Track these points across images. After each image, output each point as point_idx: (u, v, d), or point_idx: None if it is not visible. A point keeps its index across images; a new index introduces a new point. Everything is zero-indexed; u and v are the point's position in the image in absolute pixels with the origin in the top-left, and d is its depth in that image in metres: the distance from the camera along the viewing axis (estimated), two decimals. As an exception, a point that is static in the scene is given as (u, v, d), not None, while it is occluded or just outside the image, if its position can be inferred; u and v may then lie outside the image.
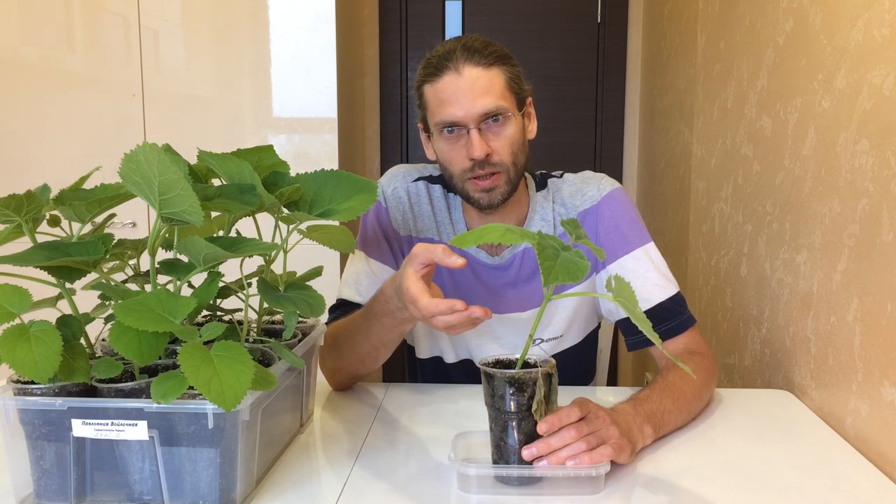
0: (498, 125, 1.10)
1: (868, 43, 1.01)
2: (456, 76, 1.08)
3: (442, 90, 1.09)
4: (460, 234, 0.80)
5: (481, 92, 1.07)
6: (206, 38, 2.14)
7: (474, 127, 1.08)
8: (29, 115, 2.15)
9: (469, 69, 1.08)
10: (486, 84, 1.08)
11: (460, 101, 1.07)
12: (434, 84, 1.10)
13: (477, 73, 1.08)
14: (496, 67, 1.09)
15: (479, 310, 0.84)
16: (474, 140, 1.08)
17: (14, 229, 0.79)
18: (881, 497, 0.83)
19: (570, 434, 0.82)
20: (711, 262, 1.81)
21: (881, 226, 0.96)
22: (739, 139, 1.59)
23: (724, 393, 1.16)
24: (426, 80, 1.11)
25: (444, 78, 1.09)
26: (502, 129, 1.10)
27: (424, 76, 1.12)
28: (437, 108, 1.10)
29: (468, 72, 1.08)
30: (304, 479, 0.86)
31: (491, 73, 1.09)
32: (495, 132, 1.10)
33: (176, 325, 0.72)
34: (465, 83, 1.07)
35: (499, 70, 1.10)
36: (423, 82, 1.12)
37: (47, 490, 0.75)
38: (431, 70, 1.10)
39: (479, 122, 1.08)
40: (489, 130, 1.10)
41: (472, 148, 1.08)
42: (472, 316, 0.85)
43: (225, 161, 0.85)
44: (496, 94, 1.08)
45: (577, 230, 0.80)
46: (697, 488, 0.84)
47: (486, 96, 1.08)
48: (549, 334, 1.24)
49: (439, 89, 1.09)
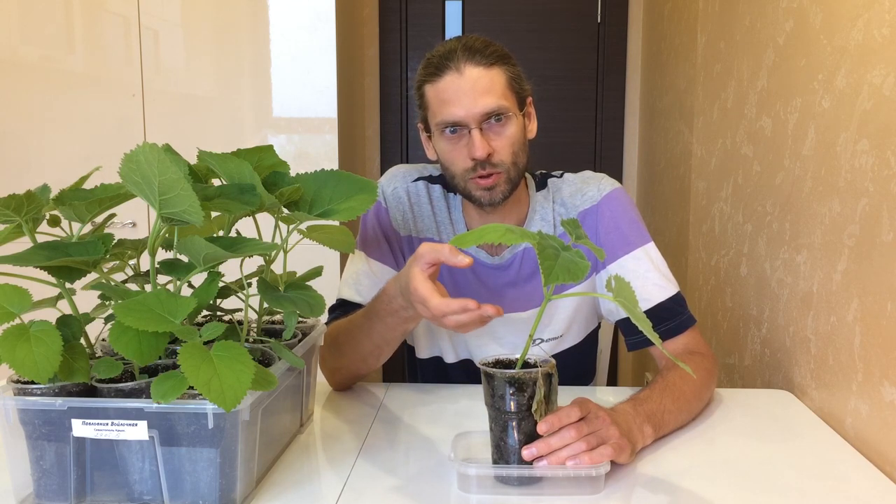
0: (499, 125, 1.10)
1: (868, 43, 1.01)
2: (457, 76, 1.08)
3: (443, 90, 1.09)
4: (460, 234, 0.80)
5: (483, 91, 1.07)
6: (206, 38, 2.14)
7: (476, 127, 1.08)
8: (29, 115, 2.15)
9: (470, 69, 1.08)
10: (488, 84, 1.08)
11: (462, 101, 1.07)
12: (435, 84, 1.10)
13: (478, 73, 1.08)
14: (497, 67, 1.09)
15: (492, 308, 0.84)
16: (476, 140, 1.08)
17: (14, 229, 0.79)
18: (881, 497, 0.83)
19: (570, 434, 0.82)
20: (711, 262, 1.81)
21: (881, 226, 0.96)
22: (739, 139, 1.59)
23: (724, 393, 1.16)
24: (427, 79, 1.11)
25: (445, 78, 1.09)
26: (503, 129, 1.10)
27: (425, 76, 1.12)
28: (438, 107, 1.10)
29: (469, 71, 1.08)
30: (304, 479, 0.86)
31: (492, 72, 1.09)
32: (496, 132, 1.10)
33: (176, 325, 0.72)
34: (466, 83, 1.07)
35: (500, 70, 1.10)
36: (424, 82, 1.12)
37: (47, 490, 0.75)
38: (432, 70, 1.10)
39: (481, 122, 1.08)
40: (490, 130, 1.10)
41: (474, 148, 1.08)
42: (484, 315, 0.84)
43: (225, 161, 0.85)
44: (497, 94, 1.09)
45: (578, 230, 0.80)
46: (697, 488, 0.84)
47: (487, 96, 1.08)
48: (550, 334, 1.24)
49: (440, 89, 1.09)
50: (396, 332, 1.06)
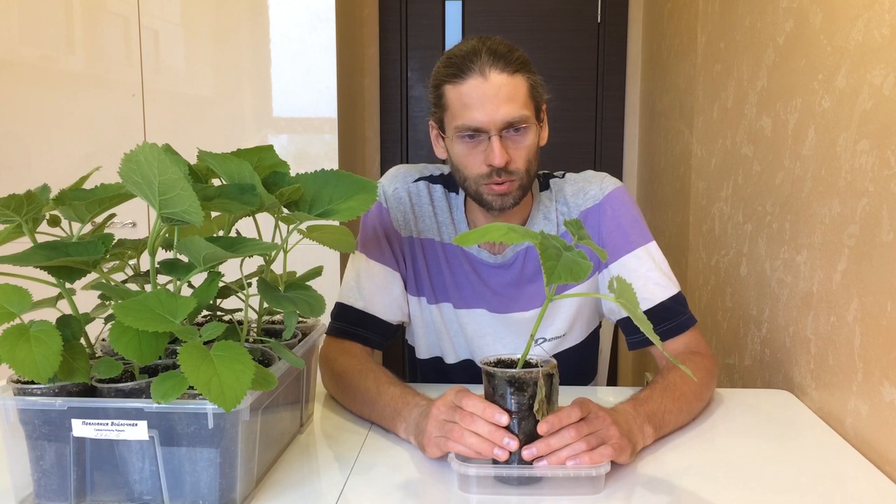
0: (519, 134, 1.08)
1: (868, 43, 1.01)
2: (482, 81, 1.06)
3: (466, 94, 1.07)
4: (463, 233, 0.80)
5: (506, 99, 1.06)
6: (206, 38, 2.14)
7: (496, 134, 1.07)
8: (29, 115, 2.15)
9: (495, 75, 1.06)
10: (511, 92, 1.06)
11: (485, 107, 1.06)
12: (458, 86, 1.08)
13: (503, 80, 1.06)
14: (520, 75, 1.08)
15: (513, 442, 0.82)
16: (496, 148, 1.06)
17: (14, 229, 0.79)
18: (881, 497, 0.83)
19: (571, 434, 0.81)
20: (711, 262, 1.81)
21: (881, 226, 0.96)
22: (739, 139, 1.59)
23: (724, 393, 1.16)
24: (448, 79, 1.09)
25: (468, 81, 1.06)
26: (522, 139, 1.09)
27: (446, 75, 1.09)
28: (459, 110, 1.08)
29: (494, 78, 1.06)
30: (304, 479, 0.86)
31: (516, 80, 1.07)
32: (515, 141, 1.09)
33: (176, 325, 0.72)
34: (490, 89, 1.06)
35: (522, 78, 1.08)
36: (445, 82, 1.10)
37: (47, 490, 0.75)
38: (454, 70, 1.08)
39: (501, 130, 1.07)
40: (509, 139, 1.08)
41: (494, 156, 1.06)
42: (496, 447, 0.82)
43: (225, 161, 0.85)
44: (520, 103, 1.07)
45: (580, 231, 0.80)
46: (697, 488, 0.84)
47: (510, 104, 1.06)
48: (552, 333, 1.23)
49: (463, 92, 1.07)
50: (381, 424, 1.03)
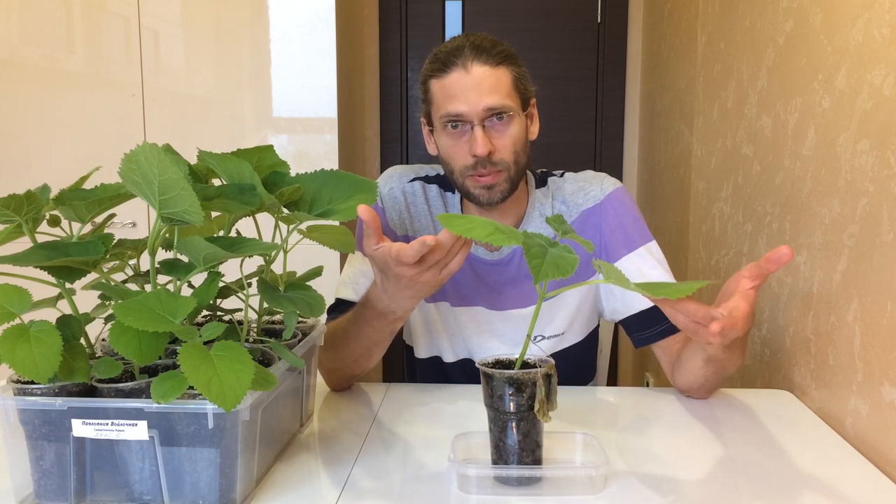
0: (502, 124, 1.10)
1: (868, 43, 1.01)
2: (464, 73, 1.09)
3: (449, 85, 1.10)
4: (448, 214, 0.80)
5: (488, 89, 1.08)
6: (206, 38, 2.14)
7: (478, 123, 1.09)
8: (29, 115, 2.15)
9: (477, 67, 1.08)
10: (494, 82, 1.09)
11: (468, 97, 1.08)
12: (441, 79, 1.11)
13: (485, 72, 1.09)
14: (503, 67, 1.10)
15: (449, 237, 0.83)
16: (478, 137, 1.08)
17: (14, 229, 0.79)
18: (881, 497, 0.83)
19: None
20: (711, 262, 1.81)
21: (881, 226, 0.96)
22: (739, 139, 1.59)
23: (724, 393, 1.16)
24: (433, 74, 1.12)
25: (451, 74, 1.10)
26: (506, 128, 1.11)
27: (431, 70, 1.13)
28: (442, 101, 1.11)
29: (476, 70, 1.08)
30: (304, 479, 0.86)
31: (498, 72, 1.10)
32: (499, 131, 1.11)
33: (176, 325, 0.72)
34: (472, 80, 1.08)
35: (506, 69, 1.11)
36: (430, 77, 1.13)
37: (47, 490, 0.75)
38: (439, 65, 1.11)
39: (484, 119, 1.09)
40: (493, 129, 1.10)
41: (476, 145, 1.08)
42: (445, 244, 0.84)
43: (225, 161, 0.85)
44: (502, 93, 1.09)
45: (563, 225, 0.80)
46: (697, 488, 0.84)
47: (491, 94, 1.08)
48: (551, 331, 1.24)
49: (446, 84, 1.10)
50: (384, 333, 1.06)
